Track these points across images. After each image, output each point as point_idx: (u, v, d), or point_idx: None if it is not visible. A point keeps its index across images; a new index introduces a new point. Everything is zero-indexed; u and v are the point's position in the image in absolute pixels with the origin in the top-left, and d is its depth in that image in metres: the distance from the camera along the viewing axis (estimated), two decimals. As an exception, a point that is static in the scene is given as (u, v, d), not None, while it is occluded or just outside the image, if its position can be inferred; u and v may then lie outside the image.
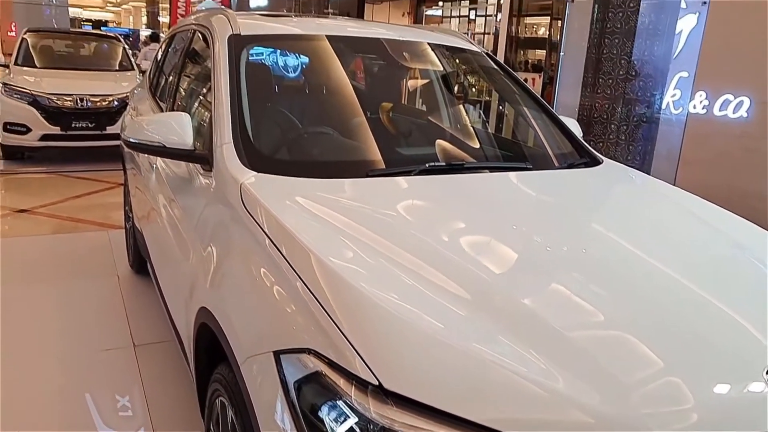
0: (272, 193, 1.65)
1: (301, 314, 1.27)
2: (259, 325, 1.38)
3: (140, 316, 3.27)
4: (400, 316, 1.19)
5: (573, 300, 1.34)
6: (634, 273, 1.49)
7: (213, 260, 1.69)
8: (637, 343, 1.23)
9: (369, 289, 1.25)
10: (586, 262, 1.52)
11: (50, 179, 6.25)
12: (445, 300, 1.26)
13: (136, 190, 3.24)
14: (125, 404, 2.52)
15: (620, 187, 2.30)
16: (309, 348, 1.19)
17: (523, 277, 1.44)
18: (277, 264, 1.40)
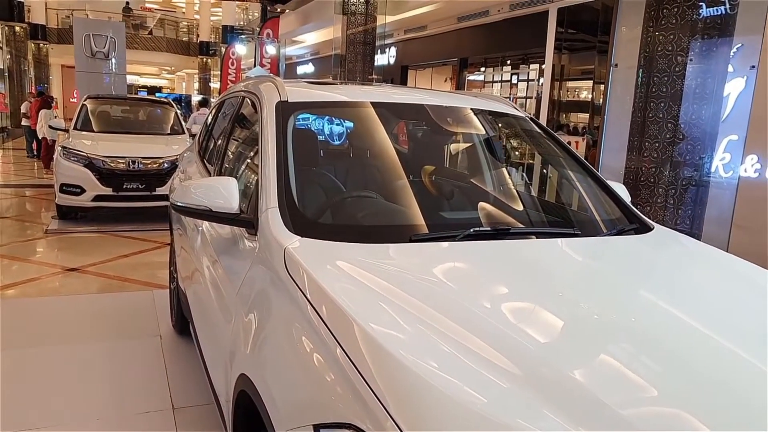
0: (315, 258, 1.64)
1: (341, 385, 1.23)
2: (299, 396, 1.34)
3: (181, 378, 3.26)
4: (444, 390, 1.14)
5: (624, 373, 1.26)
6: (687, 344, 1.40)
7: (254, 326, 1.67)
8: (695, 421, 1.13)
9: (411, 360, 1.20)
10: (636, 332, 1.43)
11: (101, 239, 6.46)
12: (489, 372, 1.20)
13: (182, 250, 3.29)
14: (161, 472, 2.46)
15: (672, 255, 2.21)
16: (349, 423, 1.14)
17: (570, 348, 1.36)
18: (318, 330, 1.37)
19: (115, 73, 11.42)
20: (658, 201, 5.62)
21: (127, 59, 12.08)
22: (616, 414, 1.12)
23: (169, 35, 27.56)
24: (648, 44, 5.46)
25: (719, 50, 5.85)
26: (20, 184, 10.24)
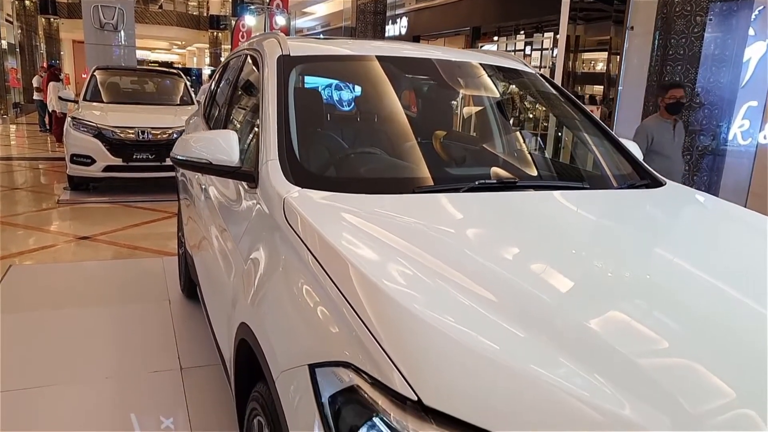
0: (314, 207, 1.61)
1: (338, 327, 1.21)
2: (295, 339, 1.32)
3: (188, 339, 3.28)
4: (443, 330, 1.11)
5: (637, 327, 1.22)
6: (702, 298, 1.36)
7: (254, 275, 1.65)
8: (707, 373, 1.10)
9: (410, 301, 1.17)
10: (650, 288, 1.38)
11: (112, 209, 6.48)
12: (493, 315, 1.17)
13: (188, 218, 3.29)
14: (169, 425, 2.49)
15: (684, 208, 2.15)
16: (345, 361, 1.12)
17: (576, 296, 1.32)
18: (316, 276, 1.35)
19: (125, 45, 11.37)
20: (672, 167, 5.51)
21: (137, 34, 12.02)
22: (630, 361, 1.09)
23: (179, 9, 27.38)
24: (666, 4, 5.29)
25: (739, 13, 5.67)
26: (33, 157, 10.30)
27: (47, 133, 13.20)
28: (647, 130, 4.66)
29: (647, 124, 4.81)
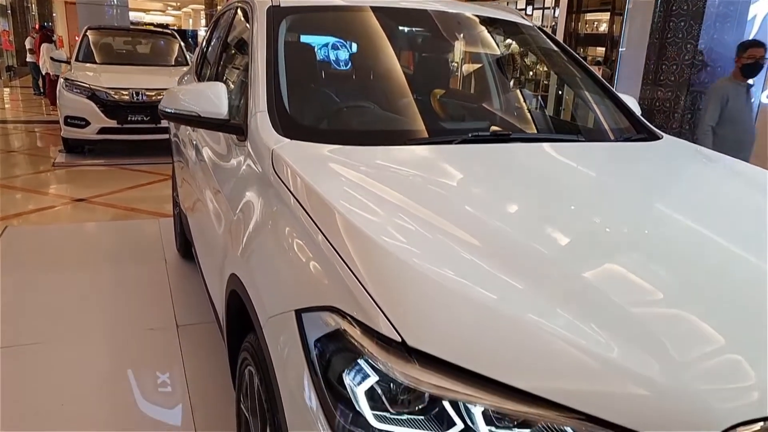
0: (301, 157, 1.59)
1: (324, 273, 1.20)
2: (283, 286, 1.31)
3: (184, 298, 3.30)
4: (428, 274, 1.10)
5: (632, 278, 1.21)
6: (699, 252, 1.34)
7: (243, 226, 1.63)
8: (698, 322, 1.10)
9: (396, 247, 1.16)
10: (648, 242, 1.36)
11: (108, 171, 6.45)
12: (478, 261, 1.16)
13: (182, 180, 3.27)
14: (165, 380, 2.51)
15: (683, 161, 2.12)
16: (331, 306, 1.11)
17: (569, 247, 1.30)
18: (303, 224, 1.33)
19: (117, 5, 11.14)
20: (673, 127, 5.46)
21: (130, -7, 11.77)
22: (626, 312, 1.08)
23: (173, -31, 26.73)
24: (669, -43, 5.16)
25: (745, -32, 5.53)
26: (28, 120, 10.21)
27: (41, 97, 13.05)
28: (721, 93, 4.14)
29: (721, 86, 4.29)
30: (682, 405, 0.94)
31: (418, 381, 0.97)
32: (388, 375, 0.99)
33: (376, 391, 1.01)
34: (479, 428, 0.96)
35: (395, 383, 0.99)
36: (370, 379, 1.00)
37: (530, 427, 0.97)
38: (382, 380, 1.00)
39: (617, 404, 0.94)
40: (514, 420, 0.97)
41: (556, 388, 0.95)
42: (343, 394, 1.03)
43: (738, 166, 2.07)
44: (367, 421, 0.99)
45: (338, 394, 1.04)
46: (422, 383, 0.97)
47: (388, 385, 1.00)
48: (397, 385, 0.99)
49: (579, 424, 0.93)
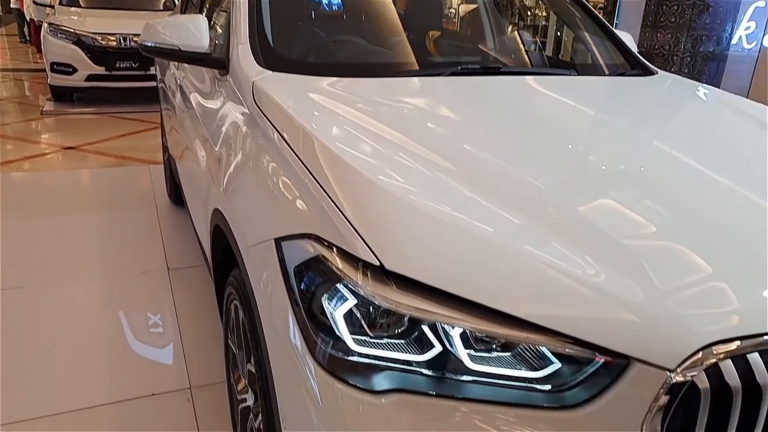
0: (283, 88, 1.55)
1: (303, 201, 1.18)
2: (263, 217, 1.29)
3: (175, 242, 3.30)
4: (406, 199, 1.08)
5: (625, 211, 1.18)
6: (694, 187, 1.31)
7: (225, 160, 1.61)
8: (688, 252, 1.08)
9: (374, 172, 1.14)
10: (642, 178, 1.33)
11: (97, 119, 6.35)
12: (459, 186, 1.14)
13: (171, 128, 3.22)
14: (156, 321, 2.53)
15: (678, 96, 2.08)
16: (310, 233, 1.09)
17: (563, 179, 1.28)
18: (282, 154, 1.30)
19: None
20: (671, 70, 5.35)
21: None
22: (619, 244, 1.06)
23: None
24: None
25: None
26: (14, 68, 9.99)
27: (27, 44, 12.73)
28: None
29: None
30: (664, 328, 0.94)
31: (397, 303, 0.96)
32: (367, 298, 0.98)
33: (356, 315, 1.00)
34: (457, 350, 0.96)
35: (374, 307, 0.98)
36: (348, 302, 0.99)
37: (510, 350, 0.97)
38: (360, 304, 0.99)
39: (599, 327, 0.94)
40: (492, 342, 0.97)
41: (536, 310, 0.95)
42: (323, 320, 1.03)
43: (735, 101, 2.03)
44: (347, 344, 0.99)
45: (318, 321, 1.04)
46: (400, 305, 0.96)
47: (367, 309, 0.99)
48: (376, 309, 0.98)
49: (560, 345, 0.93)
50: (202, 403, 2.02)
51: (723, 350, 0.91)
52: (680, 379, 0.89)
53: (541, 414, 0.94)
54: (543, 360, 0.95)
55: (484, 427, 0.93)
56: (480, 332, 0.95)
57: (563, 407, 0.93)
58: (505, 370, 0.96)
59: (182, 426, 1.92)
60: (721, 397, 0.91)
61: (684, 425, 0.92)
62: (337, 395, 0.98)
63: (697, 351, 0.90)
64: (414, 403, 0.95)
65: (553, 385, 0.94)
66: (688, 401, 0.91)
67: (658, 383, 0.90)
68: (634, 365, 0.91)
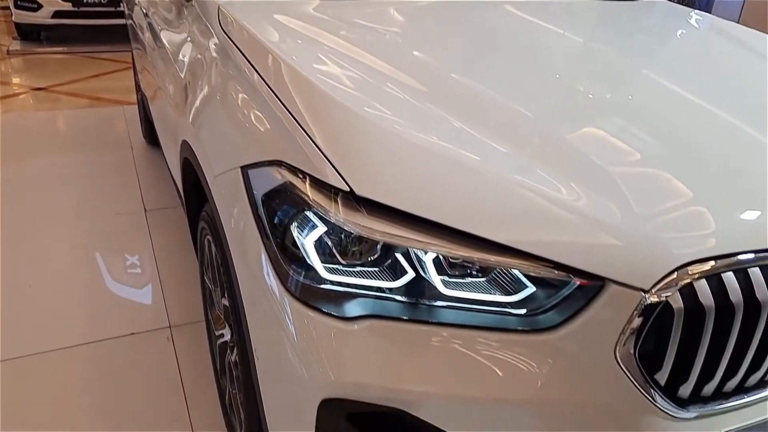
0: (250, 11, 1.46)
1: (271, 127, 1.13)
2: (229, 145, 1.24)
3: (151, 184, 3.23)
4: (377, 122, 1.03)
5: (607, 139, 1.15)
6: (682, 115, 1.27)
7: (192, 90, 1.54)
8: (671, 178, 1.06)
9: (343, 95, 1.08)
10: (629, 106, 1.29)
11: (68, 59, 6.11)
12: (435, 109, 1.09)
13: (141, 65, 3.10)
14: (134, 262, 2.50)
15: (669, 22, 2.00)
16: (277, 159, 1.05)
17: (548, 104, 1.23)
18: (249, 79, 1.24)
19: None
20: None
21: None
22: (601, 170, 1.02)
23: None
24: None
25: None
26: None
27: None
28: None
29: None
30: (640, 250, 0.92)
31: (368, 230, 0.93)
32: (337, 226, 0.95)
33: (327, 243, 0.97)
34: (431, 276, 0.94)
35: (345, 234, 0.95)
36: (318, 230, 0.96)
37: (484, 275, 0.95)
38: (331, 232, 0.96)
39: (575, 250, 0.92)
40: (467, 268, 0.95)
41: (511, 234, 0.92)
42: (294, 249, 1.00)
43: (727, 27, 1.96)
44: (318, 273, 0.96)
45: (289, 250, 1.01)
46: (373, 232, 0.93)
47: (338, 236, 0.96)
48: (347, 236, 0.95)
49: (535, 269, 0.91)
50: (182, 342, 2.02)
51: (698, 270, 0.90)
52: (654, 300, 0.88)
53: (515, 337, 0.93)
54: (517, 284, 0.94)
55: (456, 350, 0.92)
56: (454, 257, 0.93)
57: (537, 330, 0.92)
58: (478, 294, 0.94)
59: (162, 364, 1.91)
60: (695, 318, 0.91)
61: (656, 347, 0.92)
62: (310, 324, 0.96)
63: (672, 271, 0.89)
64: (387, 329, 0.94)
65: (527, 308, 0.93)
66: (661, 323, 0.90)
67: (633, 304, 0.89)
68: (608, 287, 0.90)
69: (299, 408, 1.00)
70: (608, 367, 0.91)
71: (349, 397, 0.93)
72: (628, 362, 0.91)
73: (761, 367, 1.00)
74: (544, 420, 0.94)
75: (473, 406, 0.92)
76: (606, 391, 0.93)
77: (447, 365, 0.92)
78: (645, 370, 0.92)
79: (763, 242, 0.95)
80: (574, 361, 0.92)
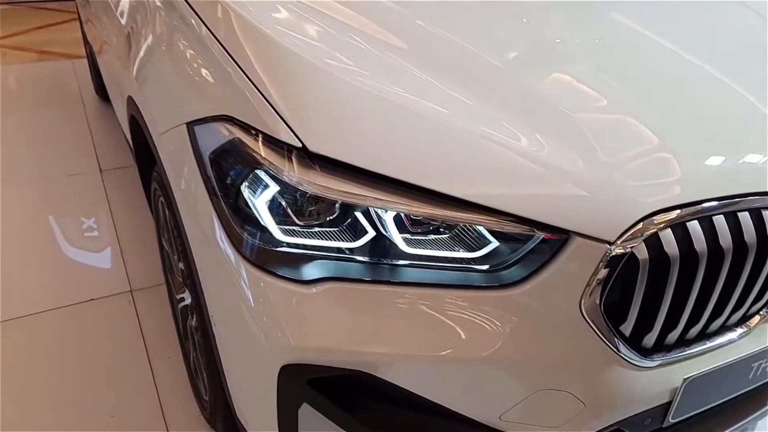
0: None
1: (217, 81, 1.05)
2: (174, 100, 1.16)
3: (106, 142, 3.09)
4: (334, 72, 0.97)
5: (574, 86, 1.10)
6: (648, 59, 1.23)
7: (135, 44, 1.43)
8: (637, 124, 1.03)
9: (294, 42, 1.01)
10: (598, 52, 1.23)
11: (10, 10, 5.73)
12: (395, 56, 1.03)
13: (86, 16, 2.91)
14: (91, 225, 2.40)
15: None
16: (224, 115, 0.98)
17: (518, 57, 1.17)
18: (195, 30, 1.15)
19: None
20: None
21: None
22: (567, 118, 0.98)
23: None
24: None
25: None
26: None
27: None
28: None
29: None
30: (605, 201, 0.90)
31: (324, 188, 0.88)
32: (291, 185, 0.89)
33: (281, 203, 0.92)
34: (392, 235, 0.90)
35: (301, 194, 0.90)
36: (271, 189, 0.91)
37: (447, 232, 0.92)
38: (285, 191, 0.91)
39: (539, 202, 0.88)
40: (429, 225, 0.91)
41: (473, 189, 0.88)
42: (246, 211, 0.94)
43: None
44: (273, 235, 0.92)
45: (241, 212, 0.95)
46: (329, 190, 0.88)
47: (293, 196, 0.91)
48: (303, 196, 0.90)
49: (498, 224, 0.88)
50: (144, 306, 1.96)
51: (663, 219, 0.88)
52: (620, 251, 0.86)
53: (479, 294, 0.91)
54: (481, 239, 0.91)
55: (419, 310, 0.90)
56: (415, 214, 0.89)
57: (502, 286, 0.90)
58: (441, 252, 0.91)
59: (124, 329, 1.86)
60: (660, 268, 0.89)
61: (621, 298, 0.91)
62: (267, 288, 0.92)
63: (637, 222, 0.87)
64: (348, 291, 0.91)
65: (490, 264, 0.91)
66: (626, 274, 0.89)
67: (598, 257, 0.87)
68: (573, 240, 0.87)
69: (260, 375, 0.97)
70: (573, 320, 0.90)
71: (311, 362, 0.90)
72: (594, 314, 0.90)
73: (722, 313, 1.00)
74: (510, 376, 0.92)
75: (439, 365, 0.90)
76: (571, 344, 0.92)
77: (410, 326, 0.89)
78: (610, 321, 0.92)
79: (728, 189, 0.94)
80: (539, 315, 0.90)
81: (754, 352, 1.05)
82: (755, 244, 0.93)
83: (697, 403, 1.06)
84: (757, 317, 1.06)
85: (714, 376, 1.02)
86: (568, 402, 0.94)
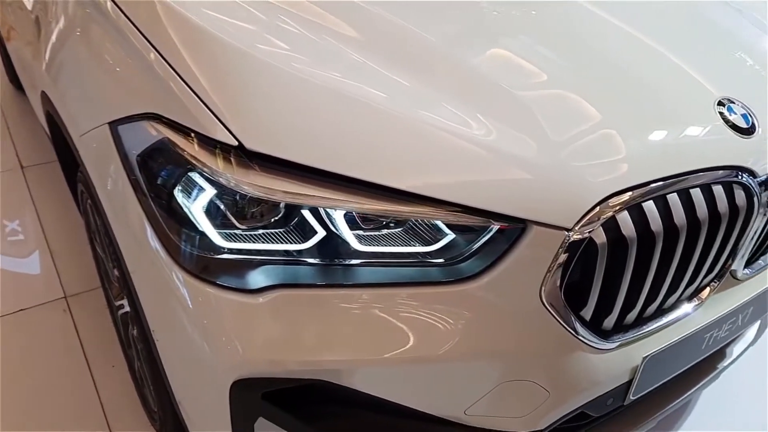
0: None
1: (141, 75, 0.96)
2: (94, 98, 1.06)
3: (26, 136, 2.87)
4: (270, 61, 0.89)
5: (514, 61, 1.06)
6: (588, 31, 1.20)
7: (47, 35, 1.30)
8: (579, 100, 1.00)
9: (225, 30, 0.93)
10: (536, 24, 1.20)
11: None
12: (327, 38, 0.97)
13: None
14: (15, 228, 2.23)
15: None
16: (150, 112, 0.89)
17: (458, 36, 1.12)
18: (115, 21, 1.04)
19: None
20: None
21: None
22: (515, 97, 0.95)
23: None
24: None
25: None
26: None
27: None
28: None
29: None
30: (559, 184, 0.87)
31: (266, 189, 0.81)
32: (228, 187, 0.82)
33: (219, 207, 0.85)
34: (343, 233, 0.85)
35: (239, 195, 0.83)
36: (207, 193, 0.83)
37: (400, 227, 0.87)
38: (223, 194, 0.84)
39: (493, 191, 0.85)
40: (381, 221, 0.86)
41: (422, 180, 0.84)
42: (182, 216, 0.86)
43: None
44: (212, 242, 0.84)
45: (176, 218, 0.87)
46: (272, 192, 0.81)
47: (232, 198, 0.84)
48: (243, 198, 0.83)
49: (452, 216, 0.84)
50: (81, 312, 1.84)
51: (618, 202, 0.87)
52: (578, 237, 0.84)
53: (437, 290, 0.87)
54: (436, 232, 0.87)
55: (375, 312, 0.85)
56: (364, 212, 0.84)
57: (459, 280, 0.86)
58: (395, 248, 0.87)
59: (61, 339, 1.74)
60: (617, 250, 0.88)
61: (580, 282, 0.89)
62: (210, 300, 0.85)
63: (593, 206, 0.85)
64: (299, 297, 0.85)
65: (447, 257, 0.87)
66: (585, 259, 0.87)
67: (556, 244, 0.84)
68: (531, 228, 0.84)
69: (210, 390, 0.91)
70: (533, 308, 0.88)
71: (264, 375, 0.85)
72: (554, 301, 0.88)
73: (678, 288, 1.00)
74: (472, 370, 0.90)
75: (397, 367, 0.86)
76: (531, 334, 0.90)
77: (365, 330, 0.85)
78: (570, 307, 0.90)
79: (674, 167, 0.93)
80: (498, 307, 0.88)
81: (706, 323, 1.07)
82: (707, 219, 0.93)
83: (656, 378, 1.07)
84: (707, 289, 1.07)
85: (671, 351, 1.03)
86: (532, 391, 0.92)
